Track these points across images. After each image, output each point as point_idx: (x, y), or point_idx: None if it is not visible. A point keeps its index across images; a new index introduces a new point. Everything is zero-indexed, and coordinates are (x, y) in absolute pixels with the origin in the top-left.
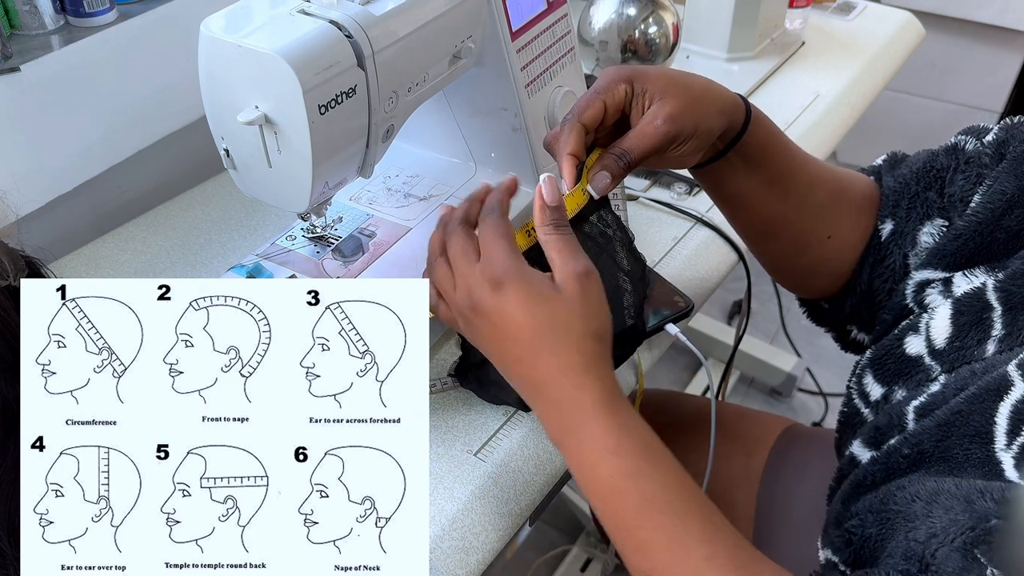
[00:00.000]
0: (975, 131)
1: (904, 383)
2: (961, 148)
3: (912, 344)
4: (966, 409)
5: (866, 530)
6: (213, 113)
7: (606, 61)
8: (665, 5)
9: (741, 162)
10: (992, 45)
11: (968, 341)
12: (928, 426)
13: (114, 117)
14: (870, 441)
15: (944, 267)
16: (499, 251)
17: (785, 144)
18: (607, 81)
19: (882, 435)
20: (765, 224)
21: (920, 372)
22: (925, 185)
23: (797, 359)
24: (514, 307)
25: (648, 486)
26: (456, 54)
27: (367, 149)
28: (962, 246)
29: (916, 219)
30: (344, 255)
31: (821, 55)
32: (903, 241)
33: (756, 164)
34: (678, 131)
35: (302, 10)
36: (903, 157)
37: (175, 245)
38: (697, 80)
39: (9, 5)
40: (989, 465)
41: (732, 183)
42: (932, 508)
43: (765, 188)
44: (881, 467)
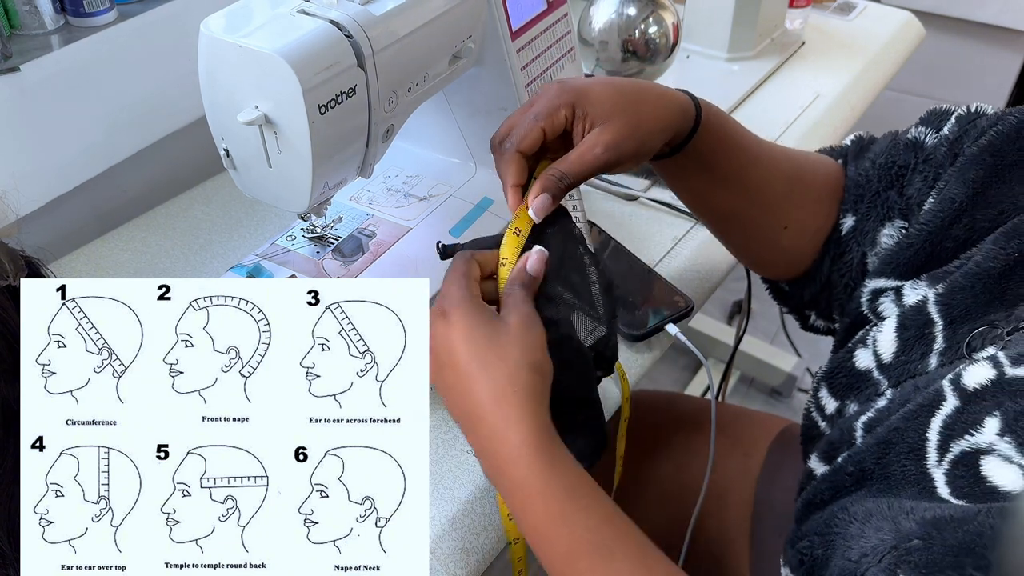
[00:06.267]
0: (936, 118)
1: (855, 397)
2: (920, 144)
3: (861, 358)
4: (902, 426)
5: (815, 551)
6: (213, 113)
7: (606, 61)
8: (665, 5)
9: (690, 163)
10: (992, 45)
11: (912, 355)
12: (869, 443)
13: (114, 117)
14: (824, 456)
15: (896, 275)
16: (453, 286)
17: (738, 143)
18: (548, 105)
19: (834, 450)
20: (720, 216)
21: (869, 386)
22: (886, 184)
23: (797, 359)
24: (454, 333)
25: (576, 530)
26: (456, 54)
27: (367, 149)
28: (913, 255)
29: (876, 219)
30: (344, 255)
31: (821, 55)
32: (863, 239)
33: (706, 165)
34: (618, 158)
35: (302, 10)
36: (870, 141)
37: (175, 245)
38: (644, 95)
39: (9, 5)
40: (924, 482)
41: (683, 180)
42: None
43: (717, 185)
44: (828, 485)
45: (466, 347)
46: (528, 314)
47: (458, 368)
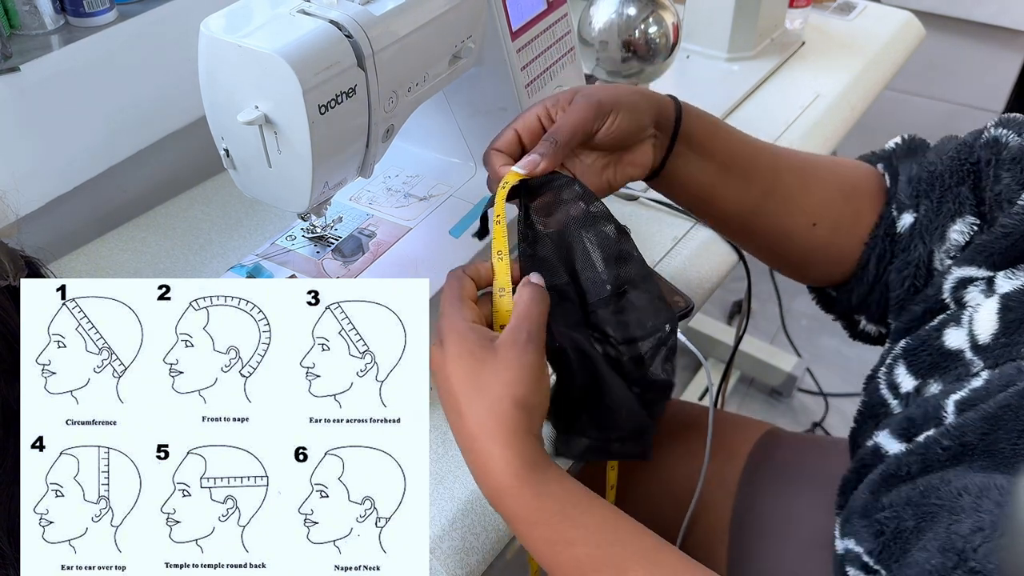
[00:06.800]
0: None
1: (941, 376)
2: (1004, 143)
3: (952, 338)
4: (1016, 403)
5: (902, 523)
6: (213, 113)
7: (606, 61)
8: (665, 5)
9: (691, 152)
10: (992, 45)
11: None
12: (972, 419)
13: (114, 117)
14: (901, 432)
15: (988, 266)
16: (448, 309)
17: (732, 130)
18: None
19: (916, 427)
20: (738, 217)
21: (960, 366)
22: (958, 180)
23: (797, 359)
24: (447, 362)
25: (580, 552)
26: (456, 54)
27: (367, 149)
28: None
29: (947, 214)
30: (344, 255)
31: (821, 55)
32: (930, 236)
33: (707, 152)
34: (596, 102)
35: (302, 10)
36: (921, 143)
37: (175, 245)
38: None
39: (9, 5)
40: None
41: (691, 178)
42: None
43: (724, 177)
44: (918, 458)
45: (455, 377)
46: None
47: (450, 397)
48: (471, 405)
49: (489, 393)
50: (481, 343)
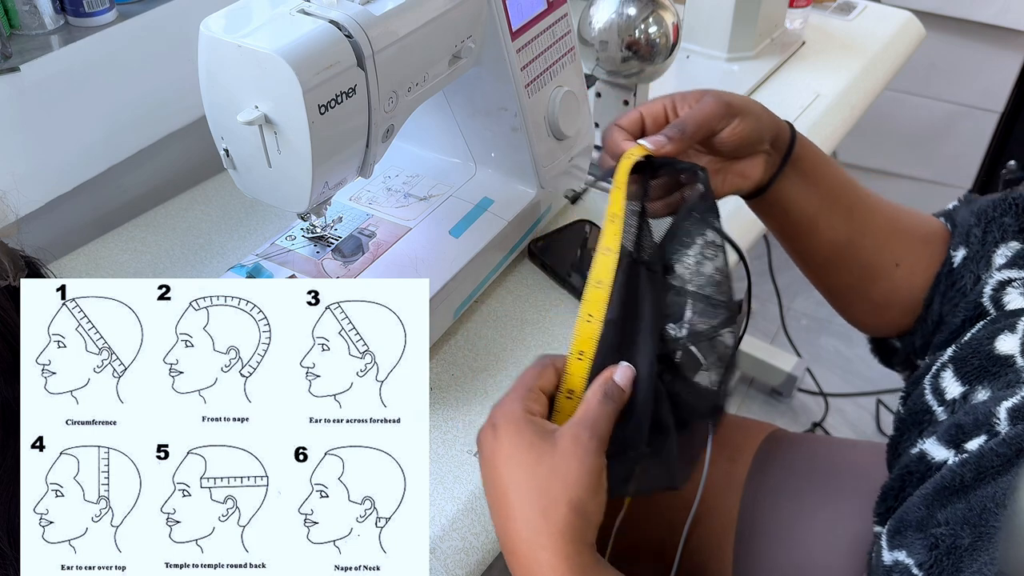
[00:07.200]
0: None
1: (989, 383)
2: None
3: (1004, 343)
4: None
5: (959, 539)
6: (213, 113)
7: (606, 61)
8: (665, 5)
9: (799, 178)
10: (992, 45)
11: None
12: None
13: (114, 117)
14: (949, 440)
15: None
16: (512, 394)
17: (837, 164)
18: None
19: (965, 434)
20: (833, 250)
21: (1010, 372)
22: (1002, 211)
23: (797, 359)
24: (498, 452)
25: None
26: (456, 54)
27: (367, 149)
28: None
29: (991, 242)
30: (344, 255)
31: (821, 55)
32: (976, 265)
33: (814, 179)
34: (727, 103)
35: (302, 10)
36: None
37: (175, 245)
38: None
39: (9, 5)
40: None
41: (795, 203)
42: None
43: (828, 207)
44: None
45: (507, 470)
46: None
47: (498, 490)
48: (522, 503)
49: (545, 493)
50: (540, 434)
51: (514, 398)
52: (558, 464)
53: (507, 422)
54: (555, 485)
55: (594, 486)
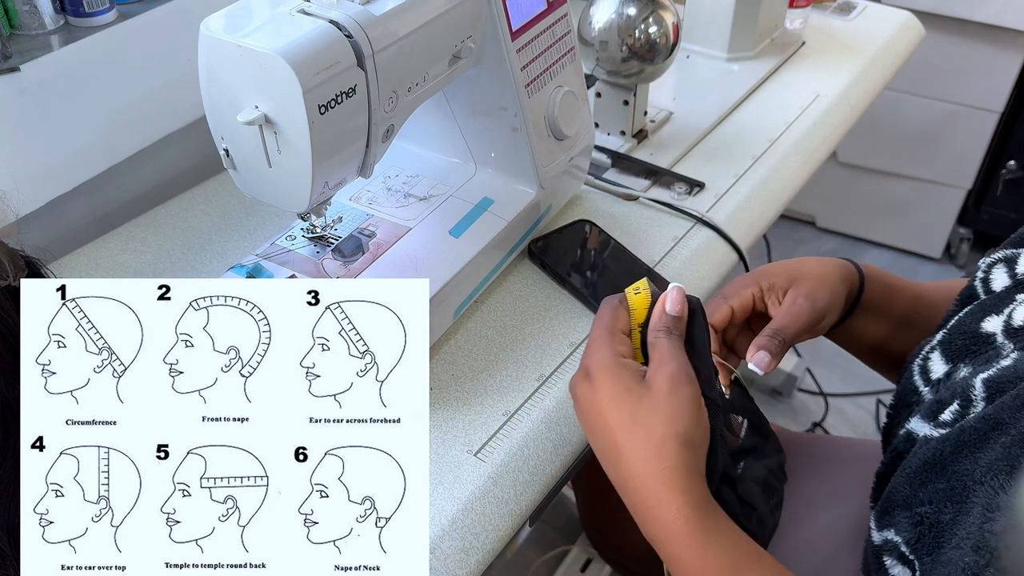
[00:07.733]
0: None
1: (971, 360)
2: None
3: (990, 323)
4: None
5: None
6: (213, 113)
7: (606, 61)
8: (665, 5)
9: (867, 314)
10: (992, 45)
11: None
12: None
13: (114, 117)
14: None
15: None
16: (598, 341)
17: (905, 286)
18: (735, 287)
19: (942, 407)
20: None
21: (990, 349)
22: None
23: (797, 359)
24: (600, 400)
25: None
26: (456, 54)
27: (367, 149)
28: None
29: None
30: (344, 255)
31: (821, 55)
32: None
33: (882, 313)
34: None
35: (302, 10)
36: None
37: (175, 245)
38: (807, 261)
39: (9, 5)
40: None
41: (863, 337)
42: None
43: (897, 330)
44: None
45: (613, 416)
46: (674, 373)
47: (606, 437)
48: (633, 445)
49: (652, 432)
50: (635, 378)
51: (600, 345)
52: (659, 404)
53: (602, 368)
54: (659, 423)
55: (695, 415)
